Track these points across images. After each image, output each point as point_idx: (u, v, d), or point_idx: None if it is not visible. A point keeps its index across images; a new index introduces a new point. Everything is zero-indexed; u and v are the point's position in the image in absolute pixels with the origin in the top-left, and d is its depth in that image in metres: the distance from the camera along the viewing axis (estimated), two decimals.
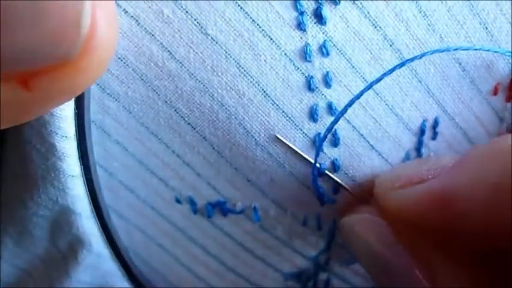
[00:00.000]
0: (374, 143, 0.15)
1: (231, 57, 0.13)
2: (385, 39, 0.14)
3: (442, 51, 0.14)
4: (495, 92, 0.16)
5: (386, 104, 0.14)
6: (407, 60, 0.13)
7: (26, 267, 0.17)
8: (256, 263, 0.18)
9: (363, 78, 0.14)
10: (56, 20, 0.09)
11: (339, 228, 0.16)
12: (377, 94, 0.14)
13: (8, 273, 0.17)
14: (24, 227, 0.16)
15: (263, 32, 0.13)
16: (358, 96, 0.13)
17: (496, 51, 0.14)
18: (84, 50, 0.10)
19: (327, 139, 0.14)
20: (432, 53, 0.13)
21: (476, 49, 0.14)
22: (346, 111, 0.14)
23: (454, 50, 0.13)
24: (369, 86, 0.13)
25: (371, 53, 0.14)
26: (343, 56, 0.14)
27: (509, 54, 0.14)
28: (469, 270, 0.12)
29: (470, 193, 0.12)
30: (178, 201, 0.16)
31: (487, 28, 0.14)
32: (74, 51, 0.09)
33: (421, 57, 0.13)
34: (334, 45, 0.13)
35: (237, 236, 0.17)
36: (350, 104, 0.14)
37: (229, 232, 0.17)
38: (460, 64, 0.15)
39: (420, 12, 0.14)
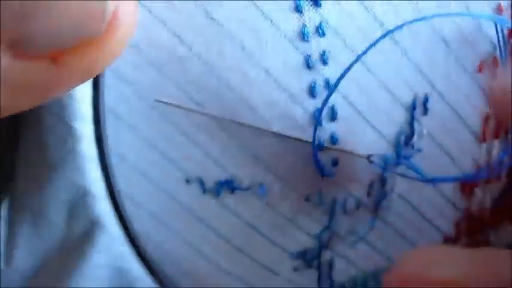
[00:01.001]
0: (368, 117, 0.16)
1: (235, 40, 0.14)
2: (376, 20, 0.15)
3: (420, 20, 0.15)
4: (480, 69, 0.17)
5: (379, 81, 0.16)
6: (389, 31, 0.15)
7: (41, 255, 0.18)
8: (263, 243, 0.18)
9: (357, 55, 0.15)
10: (85, 2, 0.10)
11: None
12: (370, 71, 0.15)
13: (24, 262, 0.18)
14: (41, 212, 0.17)
15: (264, 15, 0.14)
16: (348, 68, 0.15)
17: (474, 16, 0.15)
18: (108, 29, 0.11)
19: (325, 114, 0.15)
20: (411, 23, 0.15)
21: (454, 15, 0.15)
22: (339, 84, 0.15)
23: (431, 17, 0.15)
24: (358, 58, 0.15)
25: (363, 33, 0.15)
26: (338, 35, 0.15)
27: (490, 18, 0.15)
28: None
29: None
30: (188, 181, 0.17)
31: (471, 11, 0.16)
32: (99, 30, 0.11)
33: (401, 27, 0.15)
34: (329, 26, 0.15)
35: (245, 215, 0.18)
36: (342, 76, 0.15)
37: (236, 211, 0.18)
38: (446, 42, 0.16)
39: None
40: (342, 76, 0.15)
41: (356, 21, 0.15)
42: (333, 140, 0.16)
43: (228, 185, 0.17)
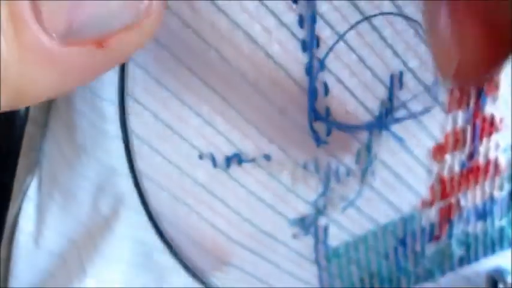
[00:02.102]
0: (356, 92, 0.19)
1: (241, 28, 0.17)
2: (360, 13, 0.18)
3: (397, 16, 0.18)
4: None
5: (362, 61, 0.19)
6: (367, 16, 0.17)
7: (70, 233, 0.19)
8: (267, 212, 0.21)
9: (345, 41, 0.18)
10: None
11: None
12: (355, 53, 0.18)
13: (54, 241, 0.20)
14: (70, 191, 0.18)
15: (266, 7, 0.17)
16: (331, 48, 0.17)
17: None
18: (146, 14, 0.13)
19: (320, 90, 0.18)
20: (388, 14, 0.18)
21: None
22: (324, 61, 0.17)
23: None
24: (339, 38, 0.17)
25: (349, 23, 0.18)
26: (327, 23, 0.18)
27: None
28: None
29: None
30: (200, 157, 0.19)
31: None
32: (139, 17, 0.13)
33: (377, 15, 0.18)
34: (319, 15, 0.17)
35: (250, 185, 0.20)
36: (327, 54, 0.17)
37: (243, 183, 0.20)
38: (415, 29, 0.19)
39: None
40: (327, 54, 0.18)
41: (341, 10, 0.18)
42: (327, 112, 0.18)
43: (237, 158, 0.19)
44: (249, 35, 0.17)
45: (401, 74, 0.19)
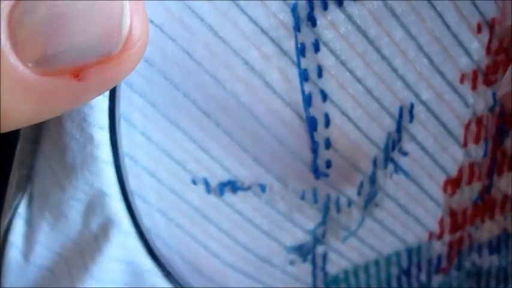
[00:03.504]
0: (360, 124, 0.18)
1: (239, 54, 0.16)
2: (367, 39, 0.17)
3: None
4: (461, 81, 0.19)
5: (368, 91, 0.17)
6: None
7: (60, 250, 0.19)
8: (263, 238, 0.20)
9: (349, 69, 0.17)
10: (104, 22, 0.11)
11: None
12: (360, 82, 0.17)
13: (44, 257, 0.19)
14: (60, 210, 0.18)
15: (265, 34, 0.16)
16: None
17: None
18: (124, 46, 0.12)
19: (320, 121, 0.17)
20: None
21: None
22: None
23: None
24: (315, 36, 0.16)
25: (355, 50, 0.17)
26: (332, 53, 0.16)
27: None
28: None
29: None
30: (194, 182, 0.18)
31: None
32: (117, 47, 0.12)
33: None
34: (323, 42, 0.16)
35: (246, 212, 0.19)
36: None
37: (238, 209, 0.19)
38: (430, 58, 0.18)
39: (393, 16, 0.16)
40: (330, 85, 0.17)
41: (348, 40, 0.16)
42: (327, 144, 0.17)
43: (231, 185, 0.18)
44: (247, 61, 0.16)
45: (412, 106, 0.18)
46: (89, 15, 0.11)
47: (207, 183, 0.19)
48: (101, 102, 0.16)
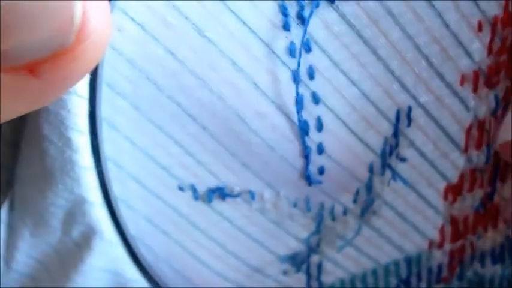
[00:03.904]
0: (355, 129, 0.17)
1: (226, 55, 0.15)
2: (361, 38, 0.16)
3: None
4: (461, 83, 0.18)
5: (363, 94, 0.16)
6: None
7: (41, 258, 0.19)
8: (254, 246, 0.19)
9: (342, 71, 0.16)
10: (53, 13, 0.10)
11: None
12: (355, 85, 0.16)
13: (24, 264, 0.19)
14: (41, 217, 0.17)
15: (253, 33, 0.15)
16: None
17: None
18: (78, 37, 0.11)
19: (312, 125, 0.16)
20: None
21: None
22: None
23: None
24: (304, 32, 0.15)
25: (349, 50, 0.16)
26: (324, 52, 0.16)
27: None
28: None
29: None
30: (181, 188, 0.18)
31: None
32: (69, 40, 0.11)
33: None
34: (315, 42, 0.15)
35: (236, 220, 0.18)
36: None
37: (228, 216, 0.18)
38: (428, 59, 0.17)
39: (389, 13, 0.16)
40: (322, 87, 0.16)
41: (342, 39, 0.16)
42: (320, 150, 0.17)
43: (220, 192, 0.18)
44: (234, 62, 0.15)
45: (409, 109, 0.17)
46: (37, 6, 0.10)
47: (194, 190, 0.18)
48: (80, 105, 0.15)
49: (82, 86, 0.15)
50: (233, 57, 0.15)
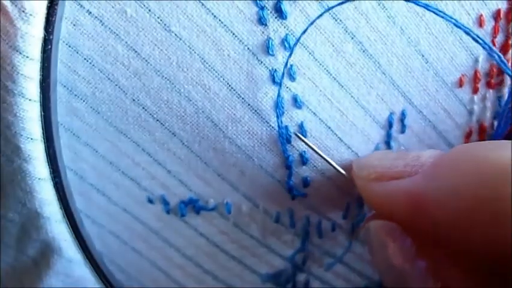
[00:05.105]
0: (342, 135, 0.15)
1: (195, 52, 0.13)
2: (346, 31, 0.14)
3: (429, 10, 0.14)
4: (460, 84, 0.16)
5: (352, 97, 0.15)
6: (330, 7, 0.13)
7: (1, 278, 0.17)
8: (233, 265, 0.17)
9: (327, 70, 0.14)
10: None
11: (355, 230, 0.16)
12: (342, 86, 0.14)
13: None
14: None
15: (225, 27, 0.13)
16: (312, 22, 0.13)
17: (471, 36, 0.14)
18: None
19: (293, 131, 0.14)
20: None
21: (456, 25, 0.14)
22: (299, 40, 0.14)
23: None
24: (297, 40, 0.14)
25: (333, 46, 0.14)
26: (306, 49, 0.14)
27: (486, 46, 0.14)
28: (472, 273, 0.12)
29: (442, 203, 0.11)
30: (150, 201, 0.16)
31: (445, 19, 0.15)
32: None
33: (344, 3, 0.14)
34: (296, 39, 0.14)
35: (212, 236, 0.17)
36: (303, 32, 0.14)
37: (203, 232, 0.17)
38: (423, 56, 0.15)
39: (379, 4, 0.14)
40: (305, 89, 0.14)
41: (325, 33, 0.14)
42: (303, 158, 0.15)
43: (193, 204, 0.16)
44: (205, 61, 0.14)
45: (403, 113, 0.16)
46: None
47: (165, 202, 0.16)
48: (30, 109, 0.13)
49: (31, 88, 0.13)
50: (203, 54, 0.13)
